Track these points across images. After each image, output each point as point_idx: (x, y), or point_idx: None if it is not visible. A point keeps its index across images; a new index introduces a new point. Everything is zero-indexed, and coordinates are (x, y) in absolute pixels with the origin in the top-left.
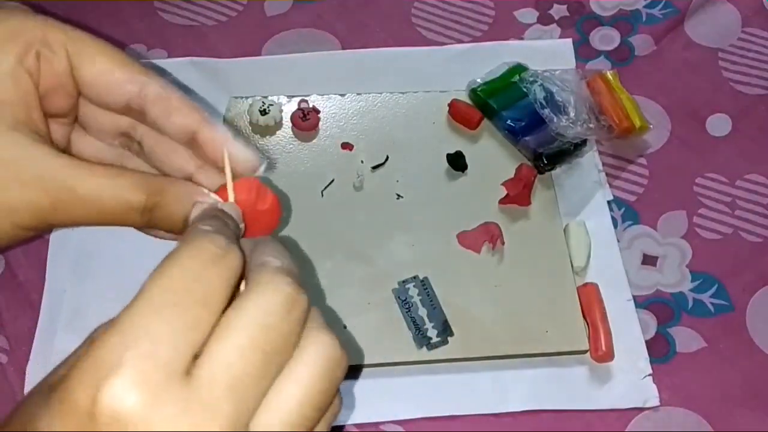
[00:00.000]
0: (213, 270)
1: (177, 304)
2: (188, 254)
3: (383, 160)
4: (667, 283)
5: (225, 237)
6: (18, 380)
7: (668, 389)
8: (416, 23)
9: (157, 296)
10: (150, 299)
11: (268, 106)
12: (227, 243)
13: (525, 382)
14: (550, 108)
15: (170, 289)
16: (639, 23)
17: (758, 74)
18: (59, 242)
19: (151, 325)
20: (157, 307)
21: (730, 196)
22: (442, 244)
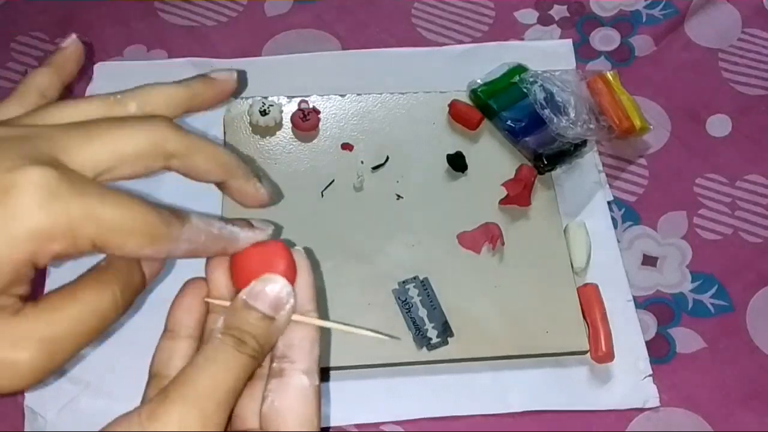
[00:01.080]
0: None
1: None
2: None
3: (383, 161)
4: (667, 284)
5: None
6: None
7: (668, 390)
8: (416, 24)
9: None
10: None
11: (268, 106)
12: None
13: (525, 383)
14: (550, 108)
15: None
16: (639, 24)
17: (758, 75)
18: None
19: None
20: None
21: (730, 196)
22: (443, 244)
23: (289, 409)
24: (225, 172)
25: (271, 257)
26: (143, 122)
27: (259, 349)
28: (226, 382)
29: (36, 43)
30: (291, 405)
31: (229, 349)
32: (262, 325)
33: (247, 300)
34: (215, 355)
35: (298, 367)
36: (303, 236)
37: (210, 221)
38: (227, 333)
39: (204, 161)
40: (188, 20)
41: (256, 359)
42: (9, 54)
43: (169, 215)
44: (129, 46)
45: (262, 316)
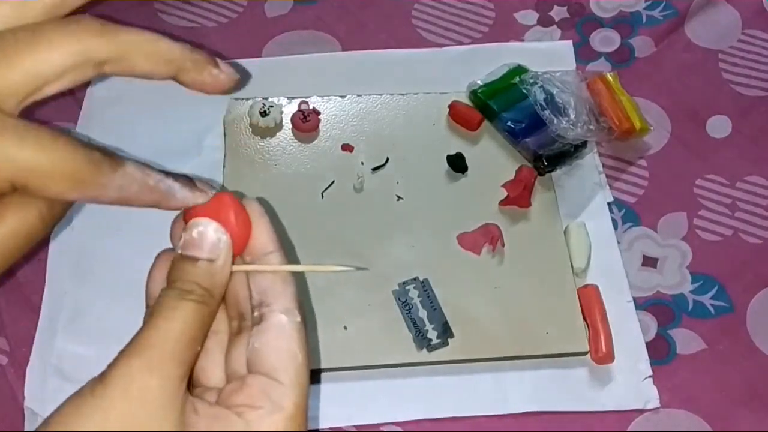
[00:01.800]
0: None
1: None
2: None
3: (383, 162)
4: (668, 285)
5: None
6: (18, 381)
7: (668, 391)
8: (416, 25)
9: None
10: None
11: (268, 107)
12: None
13: (525, 384)
14: (550, 109)
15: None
16: (639, 25)
17: (758, 76)
18: (59, 243)
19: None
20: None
21: (731, 197)
22: (443, 245)
23: (267, 345)
24: (171, 68)
25: (219, 210)
26: (62, 32)
27: (206, 293)
28: (173, 331)
29: None
30: (270, 342)
31: (173, 300)
32: (202, 269)
33: (183, 252)
34: (158, 309)
35: (276, 308)
36: (303, 237)
37: (148, 172)
38: (170, 286)
39: (143, 62)
40: (188, 21)
41: (206, 304)
42: None
43: (101, 159)
44: None
45: (201, 261)
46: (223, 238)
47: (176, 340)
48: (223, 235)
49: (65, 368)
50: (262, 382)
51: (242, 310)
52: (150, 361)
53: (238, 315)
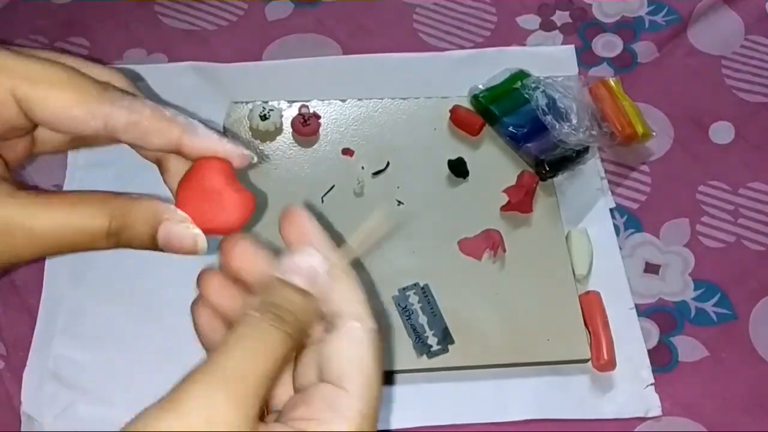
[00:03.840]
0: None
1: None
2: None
3: (384, 166)
4: (670, 292)
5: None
6: (15, 385)
7: (670, 399)
8: (418, 29)
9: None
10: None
11: (268, 111)
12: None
13: (526, 391)
14: (552, 115)
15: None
16: (642, 30)
17: (761, 82)
18: None
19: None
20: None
21: (733, 204)
22: (443, 251)
23: (337, 353)
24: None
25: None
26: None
27: (298, 326)
28: (261, 361)
29: (36, 46)
30: (339, 349)
31: (265, 326)
32: (299, 301)
33: (282, 276)
34: (248, 332)
35: (347, 314)
36: None
37: (163, 107)
38: (265, 308)
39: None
40: (189, 24)
41: (293, 338)
42: None
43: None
44: (129, 50)
45: (300, 291)
46: (324, 270)
47: (263, 374)
48: (325, 266)
49: (62, 373)
50: (326, 391)
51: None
52: (236, 395)
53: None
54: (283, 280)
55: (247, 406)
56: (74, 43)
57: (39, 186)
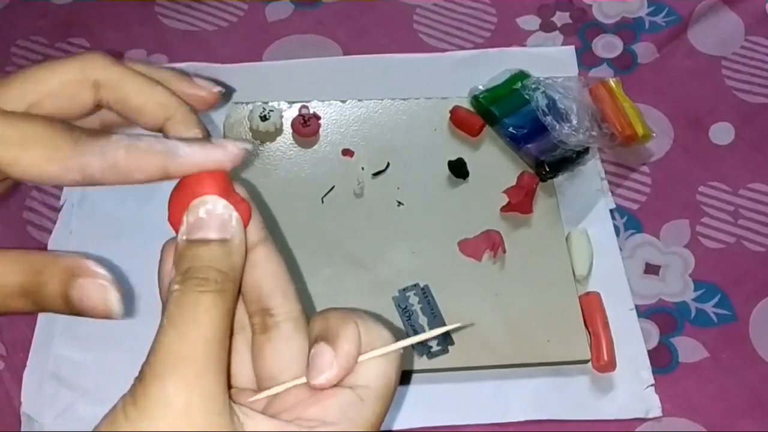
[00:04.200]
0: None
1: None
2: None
3: (384, 167)
4: (670, 293)
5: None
6: (15, 386)
7: (670, 399)
8: (418, 29)
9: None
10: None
11: (268, 111)
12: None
13: (526, 392)
14: (552, 115)
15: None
16: (642, 31)
17: (761, 82)
18: (57, 247)
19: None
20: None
21: (733, 204)
22: (443, 251)
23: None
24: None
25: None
26: (68, 58)
27: (226, 278)
28: (203, 334)
29: (36, 47)
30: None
31: (190, 297)
32: (218, 253)
33: (189, 236)
34: (176, 310)
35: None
36: (303, 242)
37: (139, 136)
38: (184, 278)
39: (135, 94)
40: (189, 25)
41: (228, 291)
42: (9, 58)
43: (80, 130)
44: (129, 51)
45: (213, 243)
46: (234, 214)
47: (209, 345)
48: (233, 211)
49: (62, 373)
50: (346, 398)
51: (266, 305)
52: (187, 377)
53: (260, 311)
54: (192, 241)
55: (206, 385)
56: (74, 44)
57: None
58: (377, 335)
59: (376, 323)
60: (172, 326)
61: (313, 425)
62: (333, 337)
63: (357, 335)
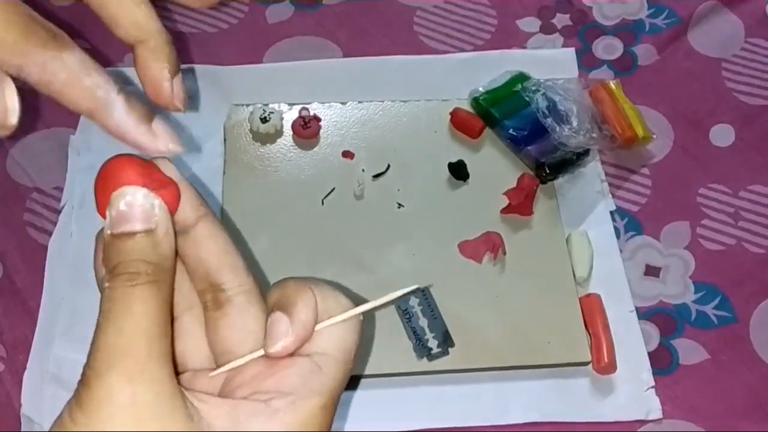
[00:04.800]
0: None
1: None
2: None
3: (384, 169)
4: (670, 294)
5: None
6: (15, 387)
7: (671, 401)
8: (418, 31)
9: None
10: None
11: (268, 113)
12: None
13: (527, 394)
14: (552, 117)
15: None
16: (642, 33)
17: (761, 84)
18: (58, 249)
19: None
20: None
21: (734, 206)
22: (444, 253)
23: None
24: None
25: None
26: None
27: (157, 269)
28: (139, 327)
29: None
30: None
31: (121, 292)
32: (145, 244)
33: (113, 231)
34: (109, 306)
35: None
36: (303, 244)
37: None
38: (113, 274)
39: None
40: (189, 26)
41: (161, 281)
42: None
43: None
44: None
45: (138, 235)
46: (155, 202)
47: (147, 336)
48: (155, 199)
49: (63, 375)
50: (304, 366)
51: (216, 281)
52: (128, 371)
53: (211, 287)
54: (117, 235)
55: (148, 374)
56: None
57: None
58: (335, 302)
59: (333, 290)
60: (107, 322)
61: (270, 396)
62: (289, 305)
63: (313, 303)
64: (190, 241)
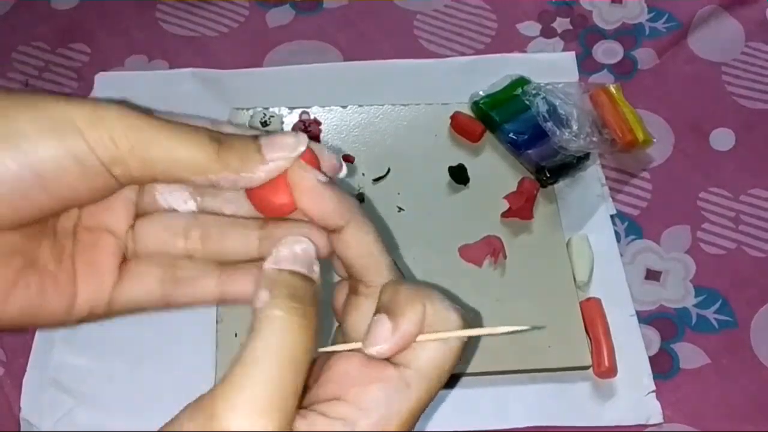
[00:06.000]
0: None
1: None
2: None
3: (384, 173)
4: (671, 299)
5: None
6: (15, 391)
7: (671, 406)
8: (418, 35)
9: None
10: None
11: (269, 117)
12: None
13: (527, 399)
14: (552, 121)
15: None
16: (642, 37)
17: (762, 88)
18: None
19: None
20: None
21: (734, 210)
22: (444, 257)
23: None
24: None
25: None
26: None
27: (313, 313)
28: (293, 369)
29: (37, 53)
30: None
31: (289, 323)
32: (306, 287)
33: (279, 266)
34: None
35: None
36: None
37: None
38: (281, 305)
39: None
40: (190, 30)
41: (313, 326)
42: (10, 64)
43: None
44: (130, 56)
45: (303, 277)
46: (316, 261)
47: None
48: (314, 256)
49: (62, 379)
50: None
51: (358, 276)
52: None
53: (355, 279)
54: (286, 270)
55: (288, 417)
56: (75, 50)
57: None
58: (444, 318)
59: (447, 306)
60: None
61: (348, 413)
62: (397, 312)
63: (421, 316)
64: (339, 242)
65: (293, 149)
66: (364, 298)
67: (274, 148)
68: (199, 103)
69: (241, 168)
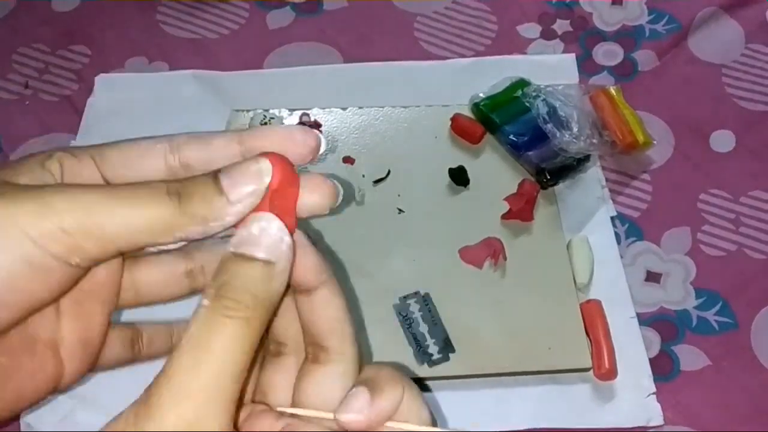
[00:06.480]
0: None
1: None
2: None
3: (385, 175)
4: (671, 301)
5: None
6: None
7: (672, 408)
8: (419, 37)
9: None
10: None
11: (269, 119)
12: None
13: (527, 400)
14: (553, 123)
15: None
16: (642, 39)
17: (762, 90)
18: None
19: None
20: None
21: (734, 212)
22: (444, 259)
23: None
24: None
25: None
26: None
27: (259, 305)
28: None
29: (37, 54)
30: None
31: (216, 319)
32: (258, 274)
33: (235, 249)
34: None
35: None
36: None
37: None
38: (217, 294)
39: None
40: (190, 32)
41: (254, 320)
42: (10, 65)
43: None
44: (130, 58)
45: (258, 263)
46: (286, 239)
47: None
48: (287, 235)
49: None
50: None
51: (321, 342)
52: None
53: (315, 344)
54: (238, 254)
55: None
56: (76, 51)
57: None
58: (416, 411)
59: (421, 402)
60: (189, 348)
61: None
62: (377, 388)
63: (399, 399)
64: (308, 303)
65: (258, 180)
66: (322, 367)
67: (236, 185)
68: (199, 104)
69: (208, 216)
